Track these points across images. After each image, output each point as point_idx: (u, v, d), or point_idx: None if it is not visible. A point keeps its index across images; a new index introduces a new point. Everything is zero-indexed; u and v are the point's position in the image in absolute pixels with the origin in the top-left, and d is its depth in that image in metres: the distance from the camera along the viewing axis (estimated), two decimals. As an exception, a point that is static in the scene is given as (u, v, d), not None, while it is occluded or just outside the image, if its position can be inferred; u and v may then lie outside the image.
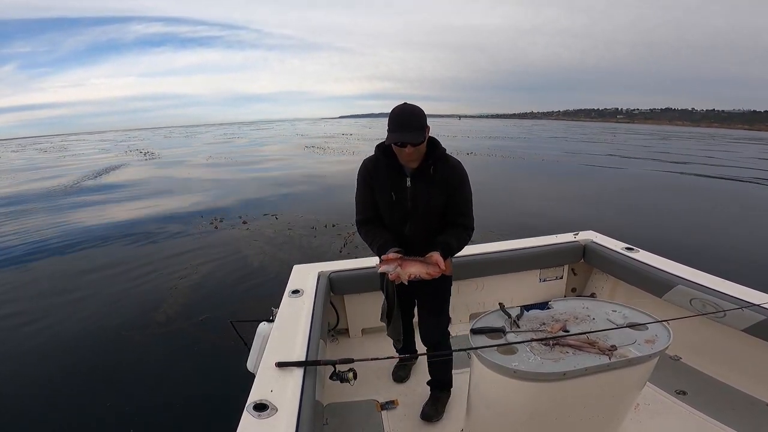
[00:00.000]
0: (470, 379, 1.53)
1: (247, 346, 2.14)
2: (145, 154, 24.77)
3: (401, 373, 2.25)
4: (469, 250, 2.51)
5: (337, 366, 1.48)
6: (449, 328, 1.94)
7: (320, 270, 2.45)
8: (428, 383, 2.03)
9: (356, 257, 2.73)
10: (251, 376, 1.50)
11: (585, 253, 2.76)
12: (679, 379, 2.07)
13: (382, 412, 2.01)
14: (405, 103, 1.53)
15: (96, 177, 15.09)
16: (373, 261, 2.57)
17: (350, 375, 1.46)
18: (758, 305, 1.80)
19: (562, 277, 2.86)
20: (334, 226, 6.85)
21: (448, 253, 1.60)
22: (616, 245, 2.64)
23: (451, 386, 2.03)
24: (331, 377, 1.47)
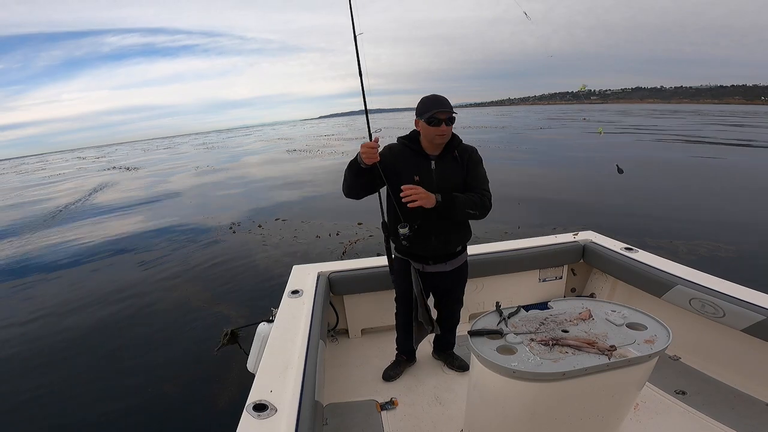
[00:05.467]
0: (470, 379, 1.53)
1: (244, 349, 2.14)
2: (129, 170, 24.04)
3: (391, 373, 2.25)
4: (468, 250, 2.50)
5: None
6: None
7: (320, 270, 2.44)
8: (434, 353, 2.37)
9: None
10: (251, 376, 1.50)
11: (584, 254, 2.76)
12: (679, 379, 2.08)
13: (382, 412, 2.01)
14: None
15: (89, 196, 14.46)
16: (372, 262, 2.57)
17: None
18: (757, 305, 1.81)
19: (561, 278, 2.86)
20: (338, 234, 6.73)
21: (451, 201, 1.78)
22: (616, 245, 2.65)
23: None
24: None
